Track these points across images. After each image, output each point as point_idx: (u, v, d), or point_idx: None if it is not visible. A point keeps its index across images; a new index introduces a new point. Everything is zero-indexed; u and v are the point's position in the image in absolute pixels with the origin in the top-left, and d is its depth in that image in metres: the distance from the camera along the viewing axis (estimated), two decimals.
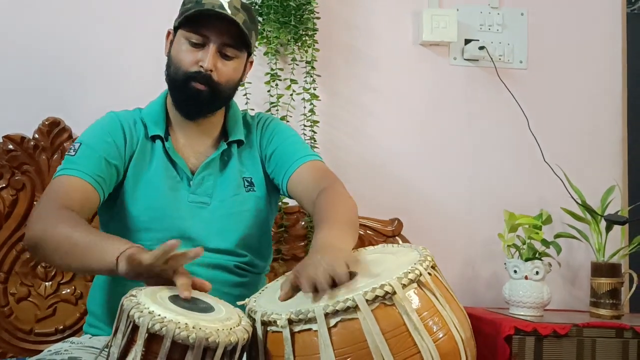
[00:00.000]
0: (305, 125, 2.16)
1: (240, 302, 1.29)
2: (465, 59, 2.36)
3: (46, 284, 2.00)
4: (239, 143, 1.68)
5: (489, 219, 2.30)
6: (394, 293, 1.10)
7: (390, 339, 1.08)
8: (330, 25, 2.26)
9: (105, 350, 1.13)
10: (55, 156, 2.02)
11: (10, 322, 1.98)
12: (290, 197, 1.66)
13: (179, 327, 1.03)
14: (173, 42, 1.60)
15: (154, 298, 1.12)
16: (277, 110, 2.16)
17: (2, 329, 1.97)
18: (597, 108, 2.42)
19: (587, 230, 2.17)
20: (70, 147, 1.56)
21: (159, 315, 1.05)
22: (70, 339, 1.58)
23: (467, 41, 2.35)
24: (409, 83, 2.34)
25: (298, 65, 2.20)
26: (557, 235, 2.18)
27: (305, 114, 2.17)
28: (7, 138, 2.02)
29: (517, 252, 2.06)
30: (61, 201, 1.44)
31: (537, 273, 2.00)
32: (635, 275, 2.08)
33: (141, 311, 1.06)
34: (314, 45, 2.19)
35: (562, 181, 2.23)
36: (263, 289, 1.36)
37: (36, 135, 2.03)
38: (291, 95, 2.18)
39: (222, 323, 1.10)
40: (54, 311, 2.00)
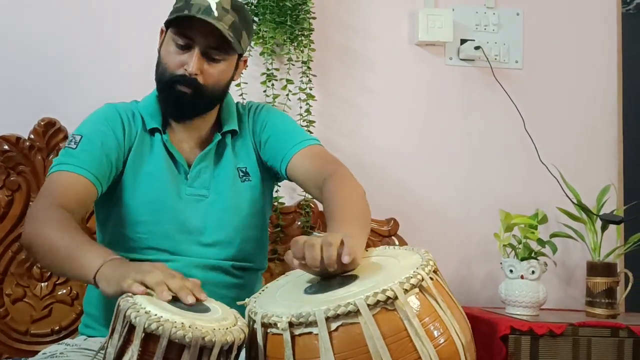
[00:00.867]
0: (301, 125, 2.16)
1: (240, 302, 1.28)
2: (461, 59, 2.37)
3: (42, 284, 2.00)
4: (233, 133, 1.68)
5: (484, 219, 2.30)
6: (396, 298, 1.09)
7: (391, 344, 1.07)
8: (326, 26, 2.26)
9: (101, 351, 1.13)
10: (50, 157, 2.02)
11: (5, 323, 1.97)
12: (290, 181, 1.67)
13: (176, 327, 1.03)
14: (164, 41, 1.60)
15: (150, 298, 1.12)
16: None
17: None
18: (593, 108, 2.43)
19: (583, 230, 2.17)
20: (70, 139, 1.55)
21: (156, 315, 1.05)
22: (66, 340, 1.58)
23: (463, 41, 2.35)
24: (405, 83, 2.35)
25: (294, 65, 2.20)
26: (553, 235, 2.18)
27: (301, 114, 2.17)
28: (3, 138, 2.01)
29: (513, 252, 2.06)
30: (57, 199, 1.44)
31: (533, 272, 2.01)
32: (630, 274, 2.08)
33: (137, 311, 1.06)
34: (310, 45, 2.19)
35: (558, 181, 2.23)
36: (263, 289, 1.35)
37: (32, 136, 2.03)
38: (287, 95, 2.18)
39: (219, 323, 1.10)
40: (49, 312, 2.00)
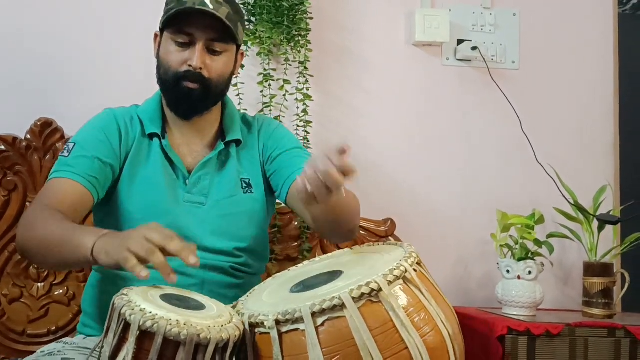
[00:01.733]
0: (298, 126, 2.17)
1: (229, 305, 1.28)
2: (457, 60, 2.37)
3: (38, 285, 2.00)
4: (237, 143, 1.67)
5: (481, 219, 2.30)
6: (380, 290, 1.10)
7: (377, 335, 1.08)
8: (323, 26, 2.27)
9: (97, 350, 1.13)
10: (47, 157, 2.02)
11: (2, 324, 1.97)
12: (286, 204, 1.66)
13: (171, 324, 1.04)
14: (161, 44, 1.59)
15: (145, 296, 1.12)
16: (270, 110, 2.16)
17: None
18: (589, 108, 2.43)
19: (580, 230, 2.17)
20: (64, 148, 1.55)
21: (151, 312, 1.05)
22: (64, 339, 1.57)
23: (460, 41, 2.36)
24: (402, 83, 2.35)
25: (291, 65, 2.20)
26: (550, 235, 2.18)
27: (298, 114, 2.18)
28: None
29: (510, 252, 2.06)
30: (52, 205, 1.43)
31: (530, 273, 2.01)
32: (627, 274, 2.08)
33: (132, 309, 1.06)
34: (307, 45, 2.19)
35: (555, 181, 2.23)
36: (250, 291, 1.36)
37: (28, 136, 2.02)
38: (284, 95, 2.18)
39: (214, 320, 1.10)
40: (46, 312, 1.99)
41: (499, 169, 2.37)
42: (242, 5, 2.12)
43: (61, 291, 2.00)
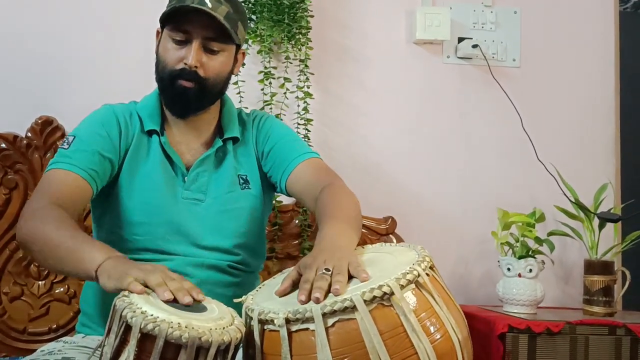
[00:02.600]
0: (299, 124, 2.16)
1: (236, 300, 1.28)
2: (458, 57, 2.36)
3: (39, 283, 2.00)
4: (235, 140, 1.67)
5: (482, 217, 2.30)
6: (392, 294, 1.09)
7: (387, 339, 1.07)
8: (323, 24, 2.26)
9: (98, 350, 1.13)
10: (48, 155, 2.02)
11: (3, 322, 1.97)
12: (289, 196, 1.66)
13: (172, 327, 1.03)
14: (160, 41, 1.59)
15: (146, 298, 1.12)
16: (271, 108, 2.16)
17: None
18: (590, 106, 2.43)
19: (580, 228, 2.17)
20: (64, 140, 1.55)
21: (152, 315, 1.05)
22: (64, 338, 1.57)
23: (460, 39, 2.35)
24: (402, 81, 2.34)
25: (292, 63, 2.19)
26: (550, 233, 2.18)
27: (298, 112, 2.17)
28: (0, 137, 2.01)
29: (511, 250, 2.07)
30: (52, 196, 1.43)
31: (531, 271, 2.01)
32: (628, 272, 2.09)
33: (134, 311, 1.06)
34: (308, 43, 2.18)
35: (555, 179, 2.23)
36: (260, 286, 1.35)
37: (29, 134, 2.03)
38: (285, 93, 2.18)
39: (215, 322, 1.10)
40: (47, 310, 2.00)
41: (500, 167, 2.37)
42: (243, 3, 2.11)
43: (62, 289, 2.01)
